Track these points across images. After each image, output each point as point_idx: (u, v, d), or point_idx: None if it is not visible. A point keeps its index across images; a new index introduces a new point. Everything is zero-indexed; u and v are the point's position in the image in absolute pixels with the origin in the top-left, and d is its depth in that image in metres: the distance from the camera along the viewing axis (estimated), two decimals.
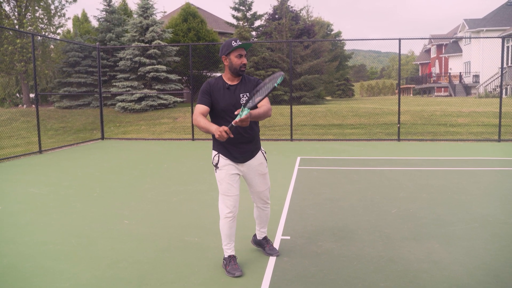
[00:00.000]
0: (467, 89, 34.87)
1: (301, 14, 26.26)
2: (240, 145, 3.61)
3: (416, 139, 12.92)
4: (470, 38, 21.84)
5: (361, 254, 3.95)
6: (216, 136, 3.20)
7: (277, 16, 24.38)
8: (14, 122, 16.64)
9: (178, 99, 20.18)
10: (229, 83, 3.60)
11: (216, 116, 3.60)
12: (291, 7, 24.78)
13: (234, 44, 3.49)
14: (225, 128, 3.18)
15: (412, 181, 7.06)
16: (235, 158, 3.63)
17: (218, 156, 3.64)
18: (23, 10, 22.40)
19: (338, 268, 3.66)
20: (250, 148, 3.67)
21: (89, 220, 5.13)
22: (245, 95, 3.55)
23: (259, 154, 3.78)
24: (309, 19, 30.07)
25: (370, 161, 9.31)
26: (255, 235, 4.15)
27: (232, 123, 3.20)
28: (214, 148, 3.71)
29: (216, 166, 3.65)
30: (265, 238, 4.07)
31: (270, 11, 24.85)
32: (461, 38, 19.88)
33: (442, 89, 38.37)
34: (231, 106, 3.51)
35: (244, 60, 3.54)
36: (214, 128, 3.27)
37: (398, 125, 13.02)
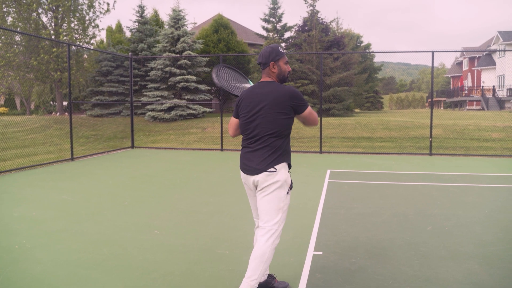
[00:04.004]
0: (501, 103, 34.00)
1: (331, 26, 26.19)
2: None
3: (449, 154, 12.60)
4: (504, 51, 21.29)
5: (397, 272, 3.83)
6: None
7: (307, 28, 24.38)
8: (48, 129, 17.06)
9: (207, 109, 20.35)
10: None
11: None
12: (321, 19, 24.75)
13: (281, 50, 3.31)
14: None
15: (446, 197, 6.86)
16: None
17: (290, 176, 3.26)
18: (59, 21, 23.08)
19: (373, 287, 3.54)
20: None
21: (120, 229, 5.16)
22: None
23: None
24: (339, 31, 29.97)
25: (402, 175, 9.12)
26: None
27: None
28: (284, 160, 3.21)
29: (291, 187, 3.23)
30: (270, 275, 3.51)
31: (300, 22, 24.89)
32: (495, 51, 19.44)
33: (474, 102, 37.50)
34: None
35: (289, 67, 3.39)
36: None
37: (430, 139, 12.73)
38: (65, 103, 27.82)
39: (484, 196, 6.98)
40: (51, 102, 36.36)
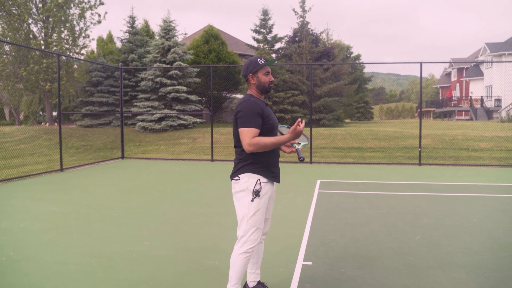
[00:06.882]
0: (489, 113, 34.41)
1: (321, 37, 26.40)
2: (277, 163, 3.41)
3: (438, 164, 12.71)
4: (492, 62, 21.61)
5: (385, 282, 3.85)
6: (294, 134, 3.08)
7: (297, 39, 24.56)
8: (37, 139, 16.94)
9: (198, 120, 20.34)
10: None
11: (265, 135, 3.24)
12: (312, 30, 24.95)
13: (260, 61, 3.30)
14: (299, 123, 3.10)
15: (435, 207, 6.91)
16: (276, 177, 3.36)
17: (260, 182, 3.22)
18: (50, 31, 23.01)
19: None
20: None
21: (109, 240, 5.13)
22: None
23: None
24: (329, 42, 30.21)
25: (391, 185, 9.18)
26: (246, 285, 3.58)
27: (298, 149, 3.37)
28: (250, 171, 3.23)
29: (257, 194, 3.18)
30: (259, 282, 3.57)
31: (291, 33, 25.06)
32: (482, 62, 19.74)
33: (463, 112, 37.95)
34: (277, 122, 3.40)
35: (272, 78, 3.38)
36: (286, 137, 3.11)
37: (419, 149, 12.84)
38: (54, 113, 27.65)
39: (472, 206, 7.04)
40: (41, 113, 36.14)
